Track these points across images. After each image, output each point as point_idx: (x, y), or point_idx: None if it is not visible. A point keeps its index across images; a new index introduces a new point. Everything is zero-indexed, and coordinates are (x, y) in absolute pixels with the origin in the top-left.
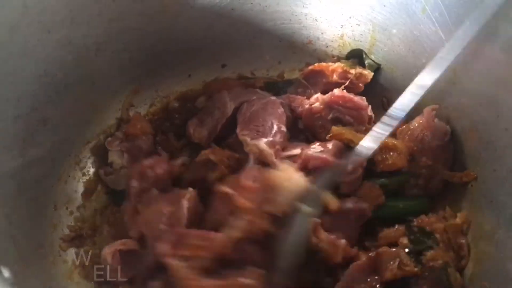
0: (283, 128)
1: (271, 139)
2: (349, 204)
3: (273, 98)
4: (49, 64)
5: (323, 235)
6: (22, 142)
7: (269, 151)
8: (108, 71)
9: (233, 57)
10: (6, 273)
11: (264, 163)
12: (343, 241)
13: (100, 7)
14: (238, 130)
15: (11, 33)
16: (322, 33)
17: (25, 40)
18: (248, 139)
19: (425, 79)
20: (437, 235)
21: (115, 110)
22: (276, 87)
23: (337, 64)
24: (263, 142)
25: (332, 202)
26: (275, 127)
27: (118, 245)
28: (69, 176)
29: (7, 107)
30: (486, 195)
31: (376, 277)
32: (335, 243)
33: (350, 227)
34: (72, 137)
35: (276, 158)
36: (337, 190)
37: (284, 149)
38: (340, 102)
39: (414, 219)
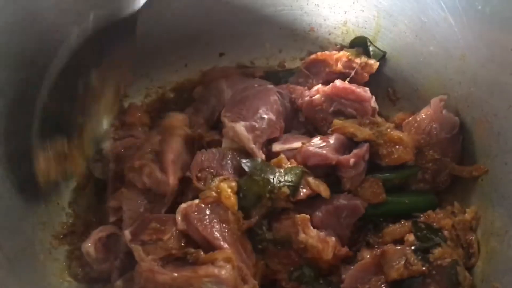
0: (271, 116)
1: (253, 123)
2: (343, 200)
3: (270, 86)
4: (36, 53)
5: (313, 231)
6: (5, 133)
7: (246, 135)
8: None
9: (232, 45)
10: None
11: (241, 150)
12: (333, 238)
13: None
14: (222, 112)
15: None
16: (324, 20)
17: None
18: (227, 121)
19: None
20: (445, 232)
21: None
22: (276, 76)
23: (342, 52)
24: (240, 125)
25: (324, 190)
26: (261, 113)
27: (97, 234)
28: None
29: None
30: (497, 189)
31: (381, 277)
32: (325, 239)
33: (341, 224)
34: None
35: (255, 145)
36: (338, 186)
37: (284, 141)
38: (342, 94)
39: (421, 215)
